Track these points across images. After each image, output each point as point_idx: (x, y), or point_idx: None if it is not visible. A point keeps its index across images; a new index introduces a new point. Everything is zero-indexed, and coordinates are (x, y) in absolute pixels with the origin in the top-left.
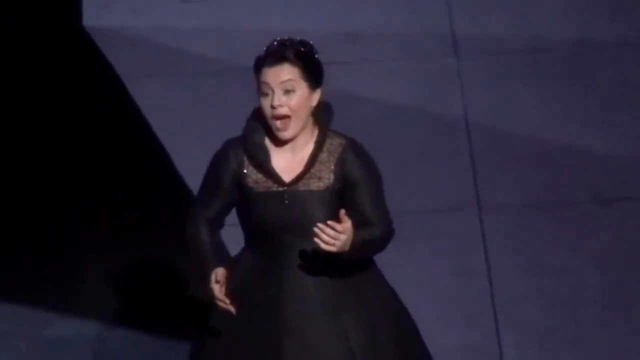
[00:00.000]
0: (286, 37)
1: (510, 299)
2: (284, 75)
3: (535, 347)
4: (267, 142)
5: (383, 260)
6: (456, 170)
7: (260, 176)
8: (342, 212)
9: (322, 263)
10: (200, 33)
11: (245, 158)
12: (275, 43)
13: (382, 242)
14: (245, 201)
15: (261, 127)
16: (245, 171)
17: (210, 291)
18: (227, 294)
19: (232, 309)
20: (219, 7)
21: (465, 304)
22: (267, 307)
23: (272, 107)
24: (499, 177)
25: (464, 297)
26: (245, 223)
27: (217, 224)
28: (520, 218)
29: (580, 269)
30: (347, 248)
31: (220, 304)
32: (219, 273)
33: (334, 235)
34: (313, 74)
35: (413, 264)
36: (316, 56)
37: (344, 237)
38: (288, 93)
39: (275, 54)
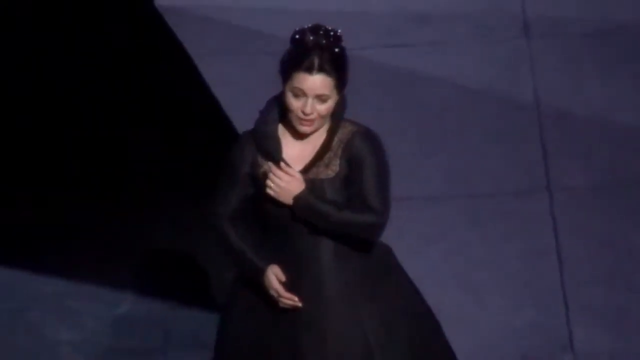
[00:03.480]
0: (319, 27)
1: (581, 281)
2: (320, 88)
3: (606, 329)
4: (281, 132)
5: (455, 241)
6: (527, 152)
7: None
8: (282, 163)
9: (335, 252)
10: (269, 12)
11: (257, 150)
12: (312, 38)
13: (362, 227)
14: (259, 192)
15: (276, 118)
16: (258, 162)
17: (275, 292)
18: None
19: (299, 304)
20: None
21: (535, 286)
22: None
23: (304, 112)
24: (570, 159)
25: (534, 279)
26: (259, 215)
27: (239, 218)
28: (590, 200)
29: None
30: (289, 202)
31: (288, 301)
32: (278, 272)
33: (271, 178)
34: (344, 81)
35: (484, 245)
36: (345, 56)
37: (282, 184)
38: (320, 102)
39: (315, 63)
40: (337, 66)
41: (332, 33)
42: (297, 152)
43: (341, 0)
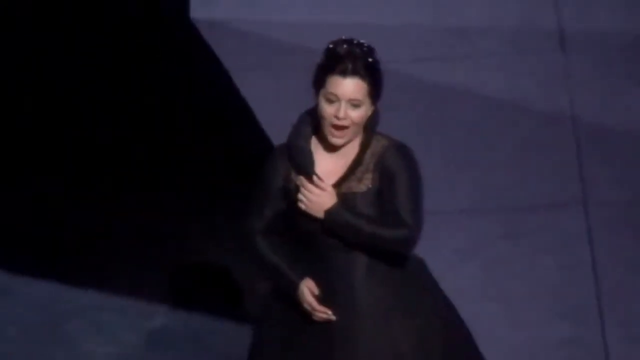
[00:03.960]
0: (352, 39)
1: (617, 296)
2: (354, 92)
3: None
4: (314, 146)
5: (489, 255)
6: (562, 166)
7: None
8: (315, 178)
9: (368, 267)
10: (306, 26)
11: (290, 164)
12: (345, 47)
13: (394, 242)
14: (291, 206)
15: (308, 132)
16: (291, 177)
17: (309, 305)
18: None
19: (333, 317)
20: (324, 0)
21: (570, 299)
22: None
23: (337, 117)
24: (605, 172)
25: (569, 292)
26: (292, 230)
27: (273, 232)
28: (626, 213)
29: None
30: (320, 215)
31: (322, 315)
32: (311, 285)
33: (303, 191)
34: (378, 91)
35: (518, 259)
36: (379, 67)
37: (313, 198)
38: (353, 107)
39: (349, 67)
40: (371, 73)
41: (365, 45)
42: (330, 166)
43: (377, 14)
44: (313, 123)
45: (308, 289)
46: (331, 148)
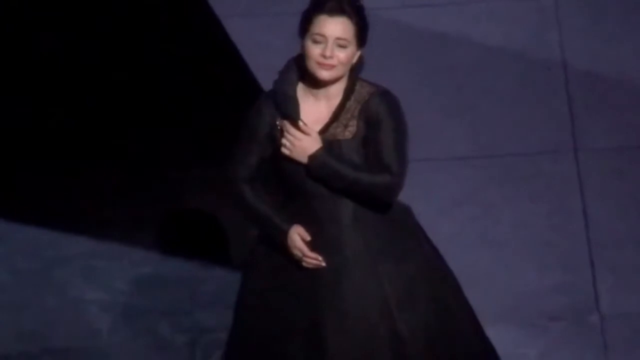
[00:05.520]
0: None
1: (607, 242)
2: (341, 31)
3: (632, 290)
4: (300, 93)
5: (481, 202)
6: (553, 113)
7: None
8: (301, 123)
9: (355, 214)
10: None
11: (276, 110)
12: None
13: (378, 188)
14: (277, 154)
15: (295, 79)
16: (277, 123)
17: (300, 251)
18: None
19: (323, 263)
20: None
21: (561, 246)
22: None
23: (323, 56)
24: (596, 119)
25: (559, 240)
26: (278, 177)
27: (258, 179)
28: (617, 161)
29: None
30: (304, 160)
31: (313, 261)
32: (302, 232)
33: (287, 136)
34: (364, 33)
35: (510, 206)
36: (365, 13)
37: (297, 143)
38: (339, 47)
39: (336, 7)
40: (357, 14)
41: None
42: (315, 113)
43: None
44: (299, 70)
45: (298, 235)
46: (316, 96)
